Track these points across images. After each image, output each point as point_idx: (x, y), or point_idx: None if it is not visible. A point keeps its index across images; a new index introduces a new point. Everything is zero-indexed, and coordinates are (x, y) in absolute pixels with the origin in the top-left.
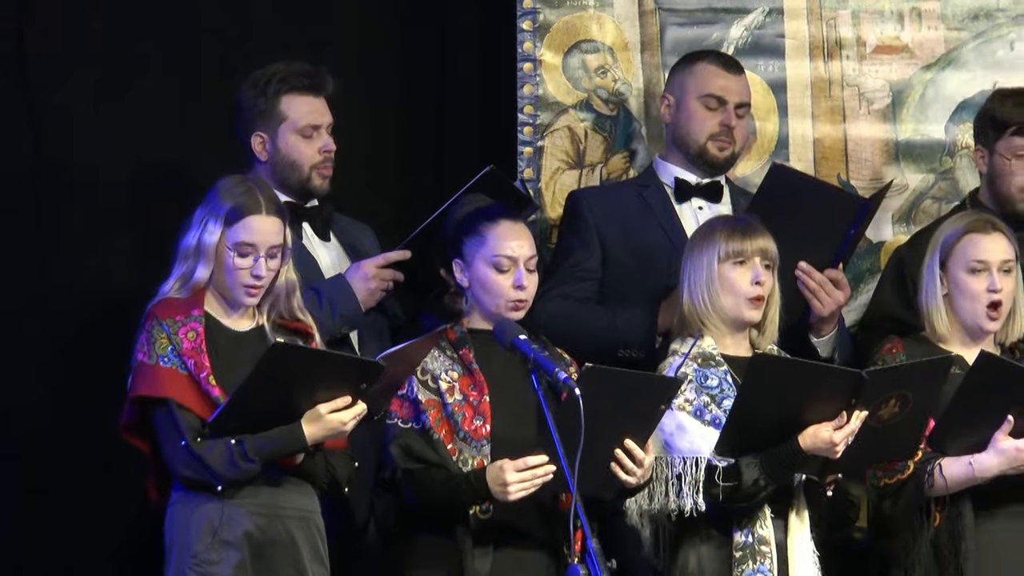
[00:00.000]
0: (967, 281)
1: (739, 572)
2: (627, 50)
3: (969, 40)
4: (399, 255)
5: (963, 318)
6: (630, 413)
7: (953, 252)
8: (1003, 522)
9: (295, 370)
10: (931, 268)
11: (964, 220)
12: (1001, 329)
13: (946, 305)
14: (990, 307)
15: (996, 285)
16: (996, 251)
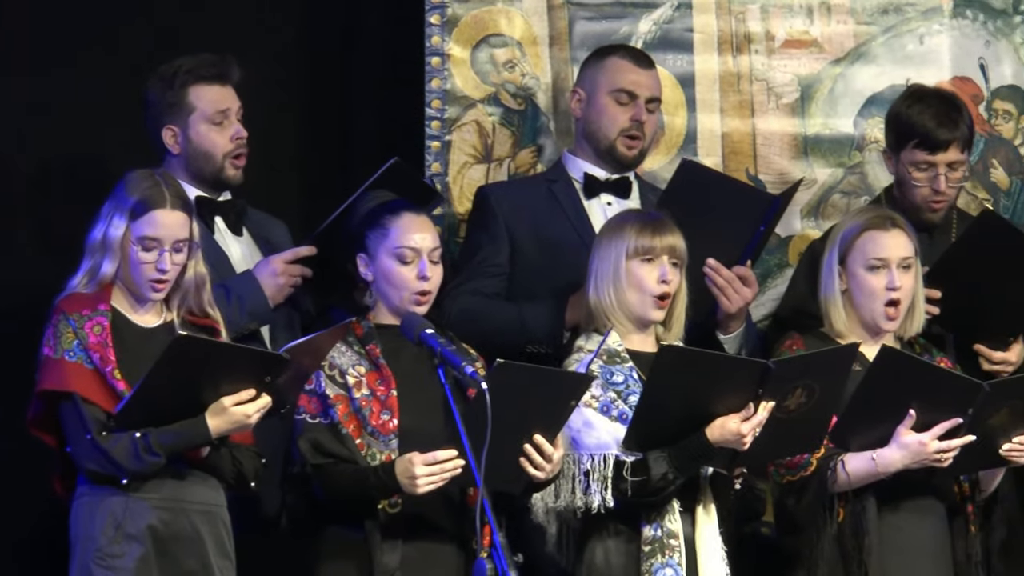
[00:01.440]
0: (866, 278)
1: (648, 566)
2: (535, 44)
3: (878, 34)
4: (306, 251)
5: (862, 314)
6: (540, 409)
7: (852, 249)
8: (907, 516)
9: (198, 363)
10: (830, 264)
11: (863, 216)
12: (900, 324)
13: (845, 301)
14: (888, 304)
15: (895, 283)
16: (895, 248)
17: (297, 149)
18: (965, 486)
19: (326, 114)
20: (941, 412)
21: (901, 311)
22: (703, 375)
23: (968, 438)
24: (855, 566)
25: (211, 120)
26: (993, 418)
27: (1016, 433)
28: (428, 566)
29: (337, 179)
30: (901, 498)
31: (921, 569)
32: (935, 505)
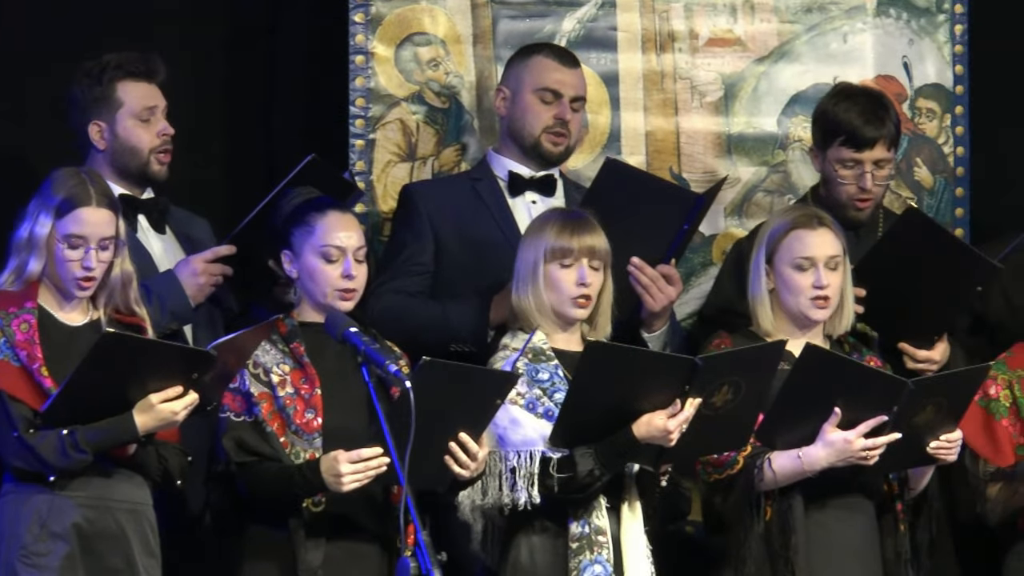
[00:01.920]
0: (793, 277)
1: (576, 563)
2: (459, 43)
3: (802, 33)
4: (225, 250)
5: (789, 313)
6: (465, 407)
7: (779, 248)
8: (833, 514)
9: (126, 359)
10: (757, 263)
11: (790, 215)
12: (829, 322)
13: (772, 300)
14: (815, 300)
15: (822, 282)
16: (822, 247)
17: (221, 147)
18: (894, 484)
19: (250, 113)
20: (866, 410)
21: (829, 307)
22: (630, 371)
23: (894, 436)
24: (782, 565)
25: (138, 116)
26: (919, 416)
27: (942, 431)
28: (352, 565)
29: (261, 177)
30: (828, 496)
31: (848, 567)
32: (863, 503)
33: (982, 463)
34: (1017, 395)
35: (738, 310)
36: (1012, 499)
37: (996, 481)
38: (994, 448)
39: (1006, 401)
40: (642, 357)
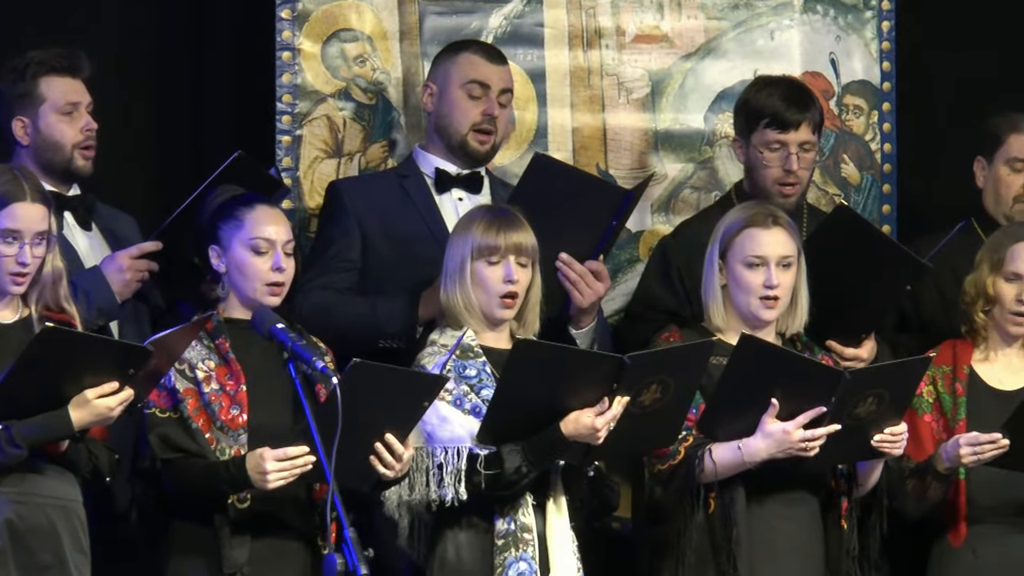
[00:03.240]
0: (744, 274)
1: (501, 560)
2: (386, 39)
3: (729, 29)
4: (151, 246)
5: (740, 310)
6: (393, 408)
7: (732, 245)
8: (776, 508)
9: (64, 355)
10: (711, 259)
11: (746, 212)
12: (782, 320)
13: (724, 296)
14: (764, 300)
15: (772, 281)
16: (774, 246)
17: (149, 143)
18: (840, 481)
19: (177, 109)
20: (805, 401)
21: (779, 307)
22: (558, 369)
23: (832, 427)
24: (724, 557)
25: (61, 111)
26: (860, 408)
27: (887, 424)
28: (278, 562)
29: (189, 174)
30: (772, 490)
31: (789, 561)
32: (807, 498)
33: (903, 458)
34: (940, 391)
35: (664, 306)
36: (925, 494)
37: (912, 476)
38: (915, 443)
39: (929, 397)
40: (570, 355)
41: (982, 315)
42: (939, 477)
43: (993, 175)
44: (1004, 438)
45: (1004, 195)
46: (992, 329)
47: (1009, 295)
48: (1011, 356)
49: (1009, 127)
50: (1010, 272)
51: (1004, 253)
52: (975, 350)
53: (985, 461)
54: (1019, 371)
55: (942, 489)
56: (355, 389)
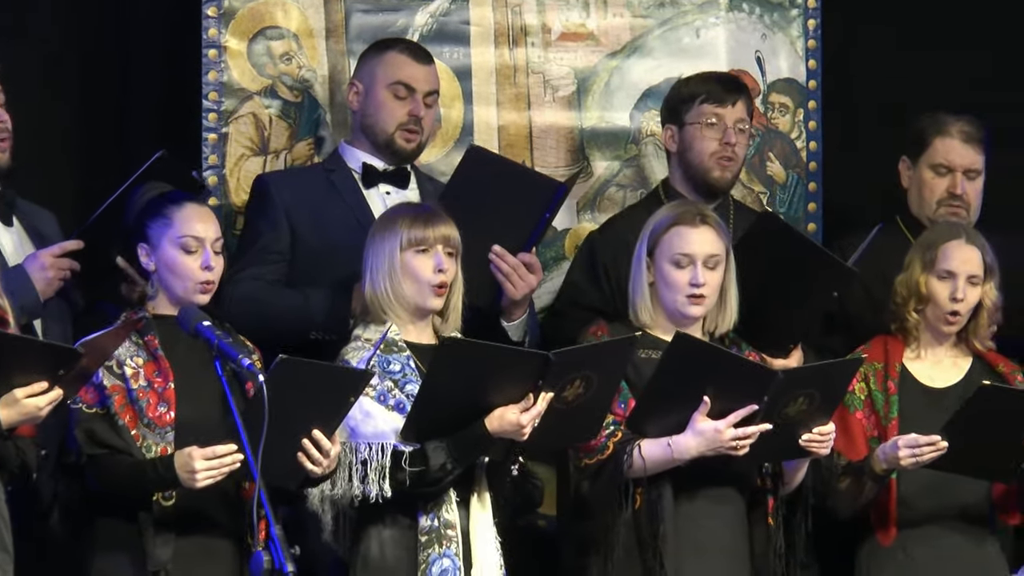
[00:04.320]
0: (671, 273)
1: (425, 556)
2: (312, 37)
3: (655, 27)
4: (73, 244)
5: (667, 307)
6: (320, 404)
7: (660, 243)
8: (703, 506)
9: None
10: (638, 256)
11: (674, 211)
12: (711, 318)
13: (651, 293)
14: (691, 298)
15: (699, 279)
16: (702, 244)
17: (75, 141)
18: (766, 479)
19: (103, 106)
20: (737, 399)
21: (705, 305)
22: (483, 366)
23: (764, 426)
24: (650, 554)
25: None
26: (791, 407)
27: (815, 424)
28: (203, 560)
29: (114, 171)
30: (699, 488)
31: (715, 559)
32: (733, 496)
33: (835, 456)
34: (872, 388)
35: (590, 303)
36: (860, 493)
37: (847, 475)
38: (847, 441)
39: (861, 394)
40: (495, 352)
41: (914, 314)
42: (875, 478)
43: (918, 177)
44: (943, 440)
45: (928, 198)
46: (924, 328)
47: (942, 294)
48: (942, 354)
49: (935, 131)
50: (943, 271)
51: (937, 252)
52: (907, 348)
53: (924, 464)
54: (950, 369)
55: (877, 489)
56: (281, 386)
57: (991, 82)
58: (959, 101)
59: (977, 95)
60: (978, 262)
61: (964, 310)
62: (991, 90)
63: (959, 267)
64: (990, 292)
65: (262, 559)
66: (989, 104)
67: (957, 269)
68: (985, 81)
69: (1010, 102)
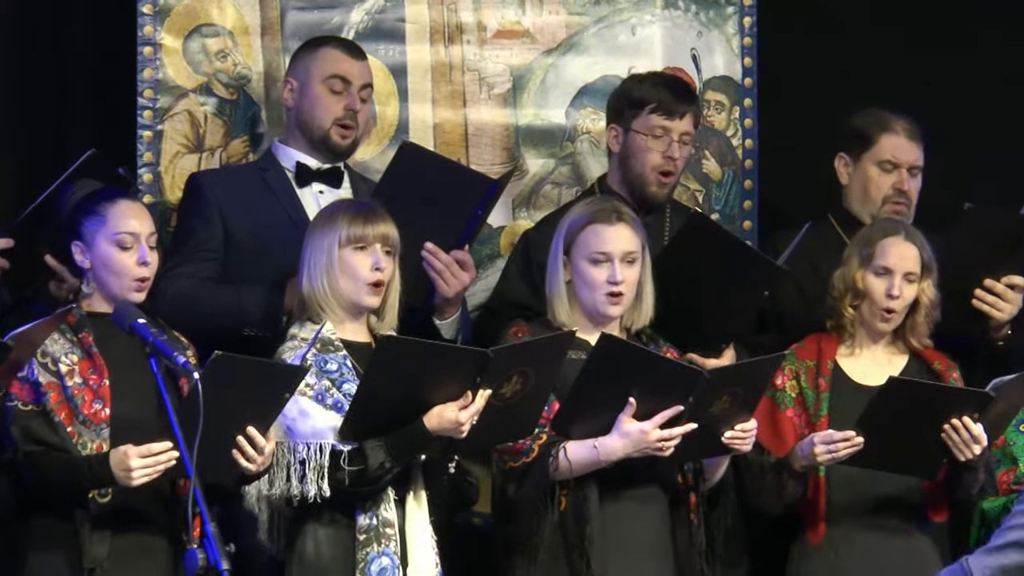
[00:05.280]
0: (589, 271)
1: (363, 555)
2: (247, 34)
3: (590, 25)
4: (3, 242)
5: (585, 306)
6: (254, 401)
7: (576, 241)
8: (629, 505)
9: None
10: (555, 255)
11: (589, 209)
12: (627, 315)
13: (568, 292)
14: (609, 296)
15: (617, 276)
16: (619, 242)
17: (11, 139)
18: (688, 476)
19: (39, 104)
20: (662, 400)
21: (624, 302)
22: (421, 364)
23: (690, 426)
24: (577, 555)
25: None
26: (714, 406)
27: (737, 421)
28: (139, 557)
29: (50, 169)
30: (624, 487)
31: (641, 558)
32: (657, 494)
33: (765, 454)
34: (803, 386)
35: (523, 302)
36: (783, 491)
37: (772, 472)
38: (777, 439)
39: (792, 392)
40: (433, 350)
41: (850, 310)
42: (795, 475)
43: (861, 174)
44: (858, 436)
45: (873, 195)
46: (859, 324)
47: (879, 290)
48: (876, 351)
49: (880, 128)
50: (880, 267)
51: (874, 248)
52: (840, 345)
53: (840, 459)
54: (884, 366)
55: (799, 487)
56: (216, 382)
57: (932, 80)
58: (894, 99)
59: (912, 93)
60: (915, 259)
61: (900, 307)
62: (930, 88)
63: (896, 264)
64: (927, 290)
65: (197, 556)
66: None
67: (894, 266)
68: (924, 79)
69: (943, 101)
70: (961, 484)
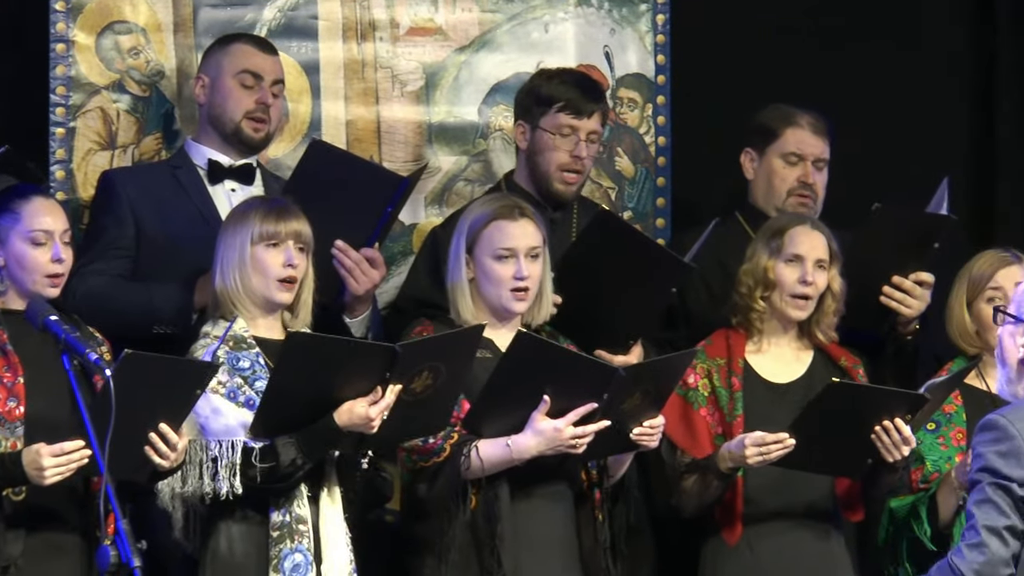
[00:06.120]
0: (493, 267)
1: (277, 552)
2: (160, 31)
3: (504, 22)
4: None
5: (490, 302)
6: (166, 397)
7: (480, 238)
8: (539, 503)
9: None
10: (456, 252)
11: (491, 205)
12: (529, 312)
13: (472, 289)
14: (515, 292)
15: (522, 272)
16: (523, 237)
17: None
18: (592, 473)
19: None
20: (576, 397)
21: (529, 298)
22: (331, 360)
23: (603, 424)
24: (487, 553)
25: None
26: (626, 403)
27: (646, 417)
28: (52, 555)
29: None
30: (533, 485)
31: (550, 555)
32: (565, 491)
33: (679, 453)
34: (715, 384)
35: (431, 300)
36: (705, 492)
37: (691, 472)
38: (691, 438)
39: (704, 391)
40: (343, 346)
41: (761, 302)
42: (721, 476)
43: (766, 168)
44: (791, 438)
45: (778, 188)
46: (769, 318)
47: (790, 278)
48: (784, 347)
49: (785, 122)
50: (790, 255)
51: (783, 238)
52: (748, 341)
53: (771, 461)
54: (792, 363)
55: (723, 488)
56: (128, 380)
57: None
58: (808, 96)
59: (825, 91)
60: (824, 247)
61: (813, 293)
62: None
63: (807, 251)
64: (835, 278)
65: (109, 553)
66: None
67: (805, 253)
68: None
69: (854, 98)
70: (880, 484)
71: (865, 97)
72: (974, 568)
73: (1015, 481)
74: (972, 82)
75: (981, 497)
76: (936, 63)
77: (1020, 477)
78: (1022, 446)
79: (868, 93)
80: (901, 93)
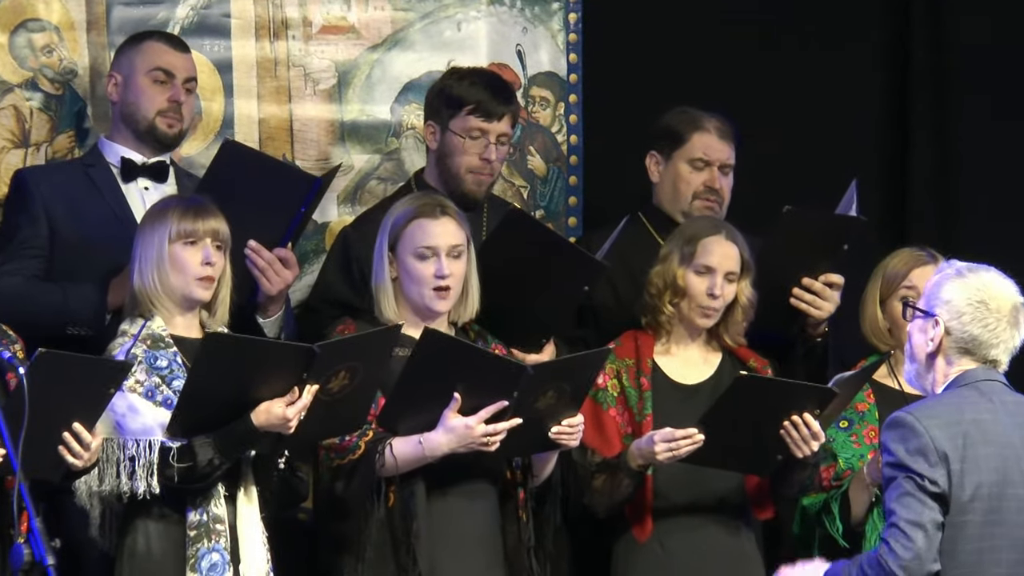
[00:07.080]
0: (415, 266)
1: (194, 551)
2: (73, 29)
3: (416, 21)
4: None
5: (413, 301)
6: (79, 396)
7: (402, 237)
8: (456, 501)
9: None
10: (380, 251)
11: (413, 204)
12: (454, 310)
13: (395, 288)
14: (437, 291)
15: (444, 271)
16: (444, 236)
17: None
18: (516, 472)
19: None
20: (487, 395)
21: (451, 296)
22: (248, 360)
23: (514, 421)
24: (403, 551)
25: None
26: (540, 401)
27: (564, 416)
28: None
29: None
30: (451, 483)
31: (470, 554)
32: (487, 490)
33: (589, 453)
34: (625, 384)
35: (343, 299)
36: (616, 490)
37: (602, 472)
38: (602, 438)
39: (614, 391)
40: (260, 346)
41: (669, 307)
42: (632, 474)
43: (672, 172)
44: (700, 434)
45: (684, 192)
46: (677, 322)
47: (700, 288)
48: (693, 350)
49: (692, 126)
50: (701, 265)
51: (696, 247)
52: (657, 343)
53: (680, 457)
54: (699, 365)
55: (633, 486)
56: (41, 378)
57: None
58: (718, 97)
59: (736, 92)
60: (736, 259)
61: (720, 306)
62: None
63: (718, 263)
64: (745, 289)
65: (22, 551)
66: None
67: (716, 265)
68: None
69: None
70: (791, 480)
71: (779, 98)
72: (902, 564)
73: (926, 478)
74: (886, 83)
75: (899, 492)
76: (852, 64)
77: (930, 474)
78: (929, 444)
79: (781, 94)
80: (814, 95)
